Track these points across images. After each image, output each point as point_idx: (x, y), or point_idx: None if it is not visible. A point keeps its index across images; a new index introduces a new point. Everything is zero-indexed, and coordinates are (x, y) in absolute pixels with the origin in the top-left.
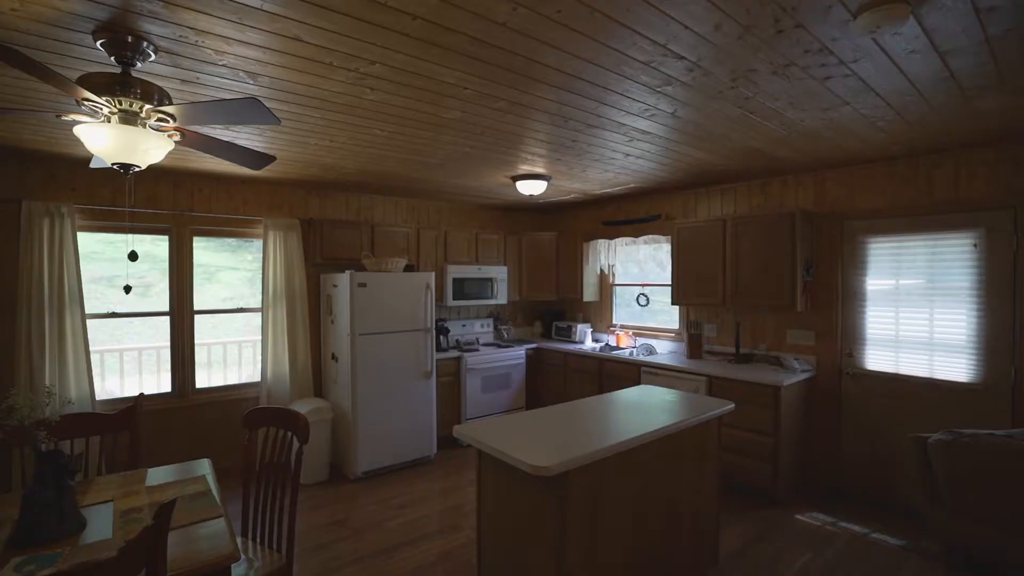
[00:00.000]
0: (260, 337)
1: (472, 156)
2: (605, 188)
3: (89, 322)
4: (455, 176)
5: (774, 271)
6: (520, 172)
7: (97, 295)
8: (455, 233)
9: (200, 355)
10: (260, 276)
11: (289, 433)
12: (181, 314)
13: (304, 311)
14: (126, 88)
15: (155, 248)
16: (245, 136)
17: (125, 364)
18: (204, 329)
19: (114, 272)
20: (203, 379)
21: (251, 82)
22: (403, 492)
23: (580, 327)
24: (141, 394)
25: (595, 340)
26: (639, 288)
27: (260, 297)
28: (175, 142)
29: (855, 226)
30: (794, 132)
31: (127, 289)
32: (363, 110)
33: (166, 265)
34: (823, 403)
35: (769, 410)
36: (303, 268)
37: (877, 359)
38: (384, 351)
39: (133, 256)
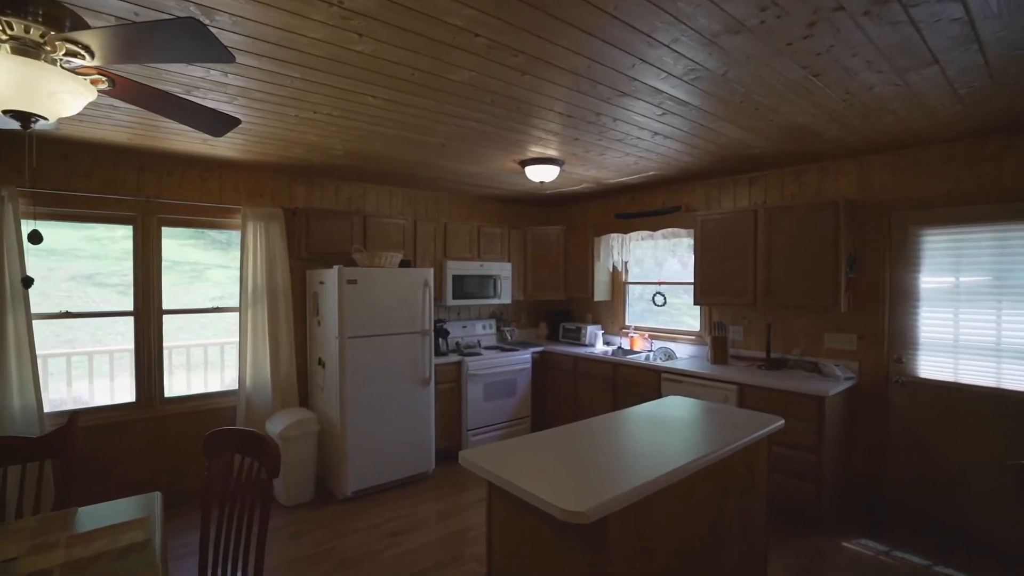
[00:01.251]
0: (238, 340)
1: (478, 134)
2: (621, 176)
3: (67, 323)
4: (457, 160)
5: (813, 267)
6: (530, 156)
7: (80, 295)
8: (455, 226)
9: (178, 358)
10: (238, 272)
11: (256, 463)
12: (147, 314)
13: (288, 311)
14: (20, 6)
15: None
16: (212, 103)
17: (96, 368)
18: (192, 329)
19: (97, 269)
20: (181, 385)
21: (207, 20)
22: (398, 515)
23: (590, 329)
24: (74, 413)
25: (607, 343)
26: (655, 286)
27: (243, 295)
28: (101, 91)
29: (906, 217)
30: (855, 104)
31: (26, 282)
32: (351, 67)
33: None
34: (867, 414)
35: (812, 423)
36: (287, 263)
37: (932, 366)
38: (377, 356)
39: (35, 237)
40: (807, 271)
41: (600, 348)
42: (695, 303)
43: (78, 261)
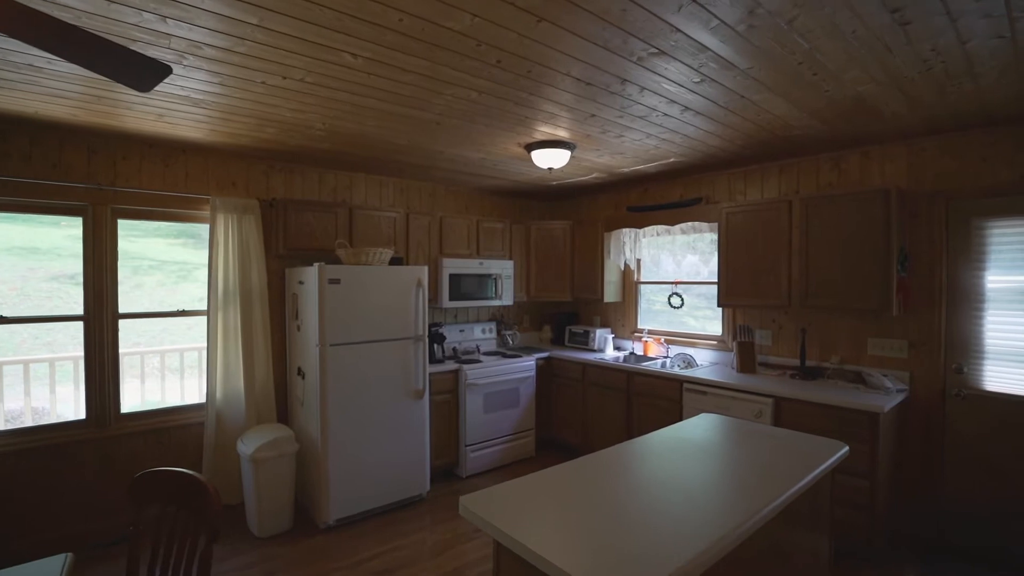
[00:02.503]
0: (206, 347)
1: (479, 109)
2: (637, 164)
3: (48, 327)
4: (455, 143)
5: (859, 265)
6: (537, 138)
7: (61, 295)
8: (452, 220)
9: (152, 363)
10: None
11: (192, 521)
12: (100, 319)
13: (264, 314)
14: None
15: (129, 244)
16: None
17: (36, 377)
18: (178, 331)
19: (79, 269)
20: (156, 396)
21: None
22: (386, 547)
23: (599, 333)
24: None
25: (617, 348)
26: (670, 286)
27: (212, 297)
28: None
29: (967, 207)
30: (935, 68)
31: None
32: (323, 9)
33: (139, 261)
34: (920, 432)
35: (864, 443)
36: (263, 260)
37: (1001, 377)
38: (363, 365)
39: None
40: (851, 269)
41: (611, 354)
42: (719, 305)
43: (60, 260)
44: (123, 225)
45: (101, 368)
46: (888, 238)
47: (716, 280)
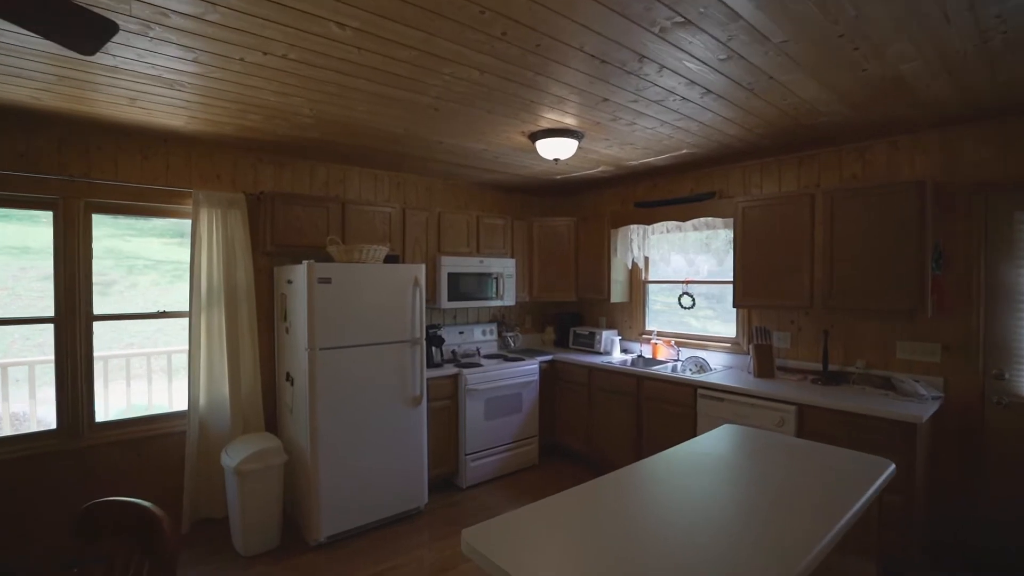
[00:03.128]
0: (188, 351)
1: (481, 92)
2: (647, 157)
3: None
4: (454, 132)
5: (890, 263)
6: (543, 126)
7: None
8: (451, 216)
9: (139, 366)
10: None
11: (145, 561)
12: (73, 321)
13: (251, 316)
14: None
15: (123, 243)
16: (136, 51)
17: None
18: (172, 332)
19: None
20: (141, 397)
21: None
22: (382, 567)
23: (605, 334)
24: None
25: (624, 351)
26: (680, 286)
27: (194, 297)
28: None
29: (1010, 200)
30: (993, 40)
31: None
32: None
33: (134, 260)
34: (956, 443)
35: (899, 455)
36: (250, 258)
37: None
38: (356, 370)
39: None
40: (881, 267)
41: (618, 357)
42: (734, 306)
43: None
44: (118, 224)
45: (73, 374)
46: (922, 234)
47: (730, 279)
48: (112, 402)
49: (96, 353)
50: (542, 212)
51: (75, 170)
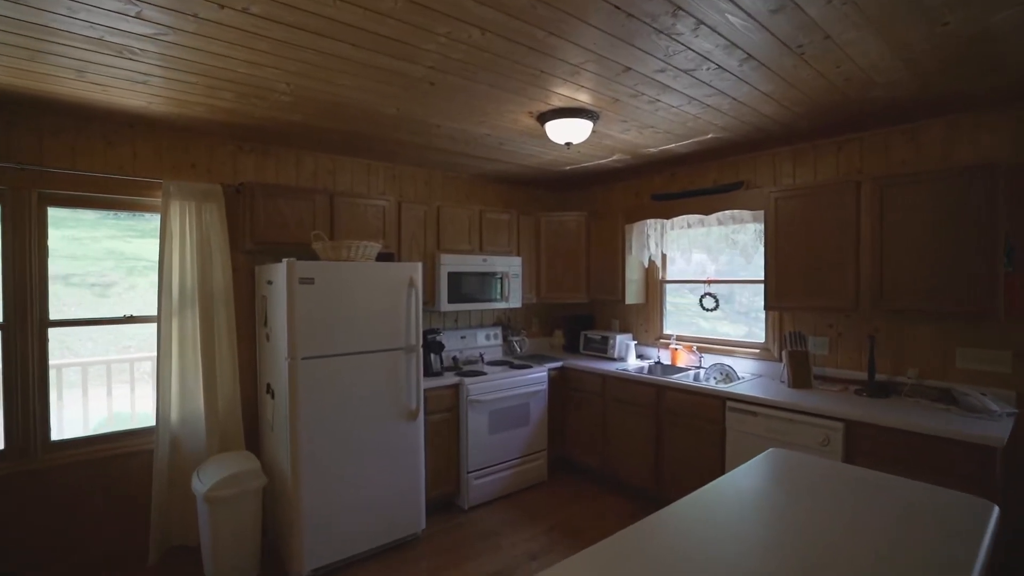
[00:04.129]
0: (156, 361)
1: (482, 61)
2: (668, 143)
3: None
4: (453, 113)
5: (953, 258)
6: (554, 104)
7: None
8: (451, 211)
9: (119, 375)
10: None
11: None
12: (23, 327)
13: (230, 321)
14: None
15: (125, 244)
16: (66, 4)
17: None
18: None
19: (74, 270)
20: (123, 404)
21: None
22: None
23: (619, 339)
24: None
25: (640, 356)
26: (702, 286)
27: (164, 300)
28: None
29: None
30: None
31: None
32: None
33: (135, 262)
34: None
35: (974, 484)
36: (228, 256)
37: None
38: (344, 381)
39: None
40: (942, 264)
41: (633, 363)
42: (767, 308)
43: (53, 261)
44: (118, 225)
45: (24, 388)
46: (994, 226)
47: (753, 278)
48: (90, 415)
49: (59, 361)
50: (550, 207)
51: (25, 157)
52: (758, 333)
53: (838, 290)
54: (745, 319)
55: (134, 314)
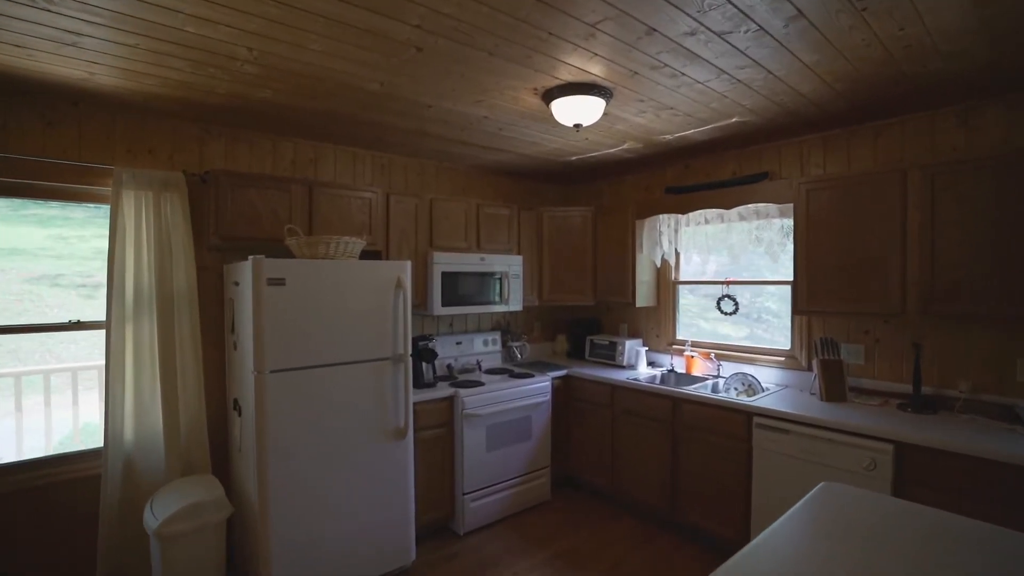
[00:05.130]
0: (104, 374)
1: (479, 15)
2: (687, 128)
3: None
4: (445, 89)
5: (1019, 255)
6: (562, 77)
7: (32, 298)
8: (446, 204)
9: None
10: (113, 268)
11: None
12: None
13: (194, 326)
14: None
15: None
16: None
17: None
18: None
19: (61, 270)
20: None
21: None
22: None
23: (628, 344)
24: None
25: (651, 363)
26: (719, 287)
27: (115, 303)
28: None
29: None
30: None
31: None
32: None
33: None
34: None
35: None
36: (191, 253)
37: None
38: (320, 397)
39: None
40: (1007, 262)
41: (644, 371)
42: (796, 312)
43: (37, 261)
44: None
45: None
46: None
47: (776, 279)
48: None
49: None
50: (553, 202)
51: None
52: (760, 335)
53: (880, 292)
54: (747, 320)
55: (82, 319)
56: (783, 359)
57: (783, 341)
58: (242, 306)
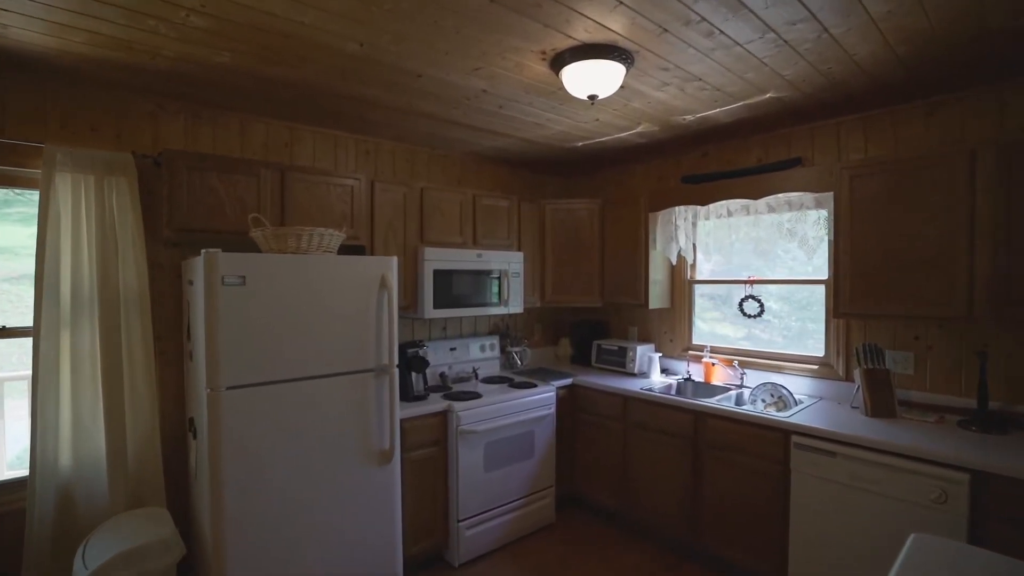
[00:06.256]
0: (30, 389)
1: None
2: (713, 106)
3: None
4: (437, 52)
5: None
6: (576, 38)
7: (11, 298)
8: (438, 194)
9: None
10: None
11: None
12: None
13: (147, 333)
14: None
15: None
16: None
17: None
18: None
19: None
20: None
21: None
22: None
23: (640, 350)
24: None
25: (665, 371)
26: (742, 287)
27: (47, 306)
28: None
29: None
30: None
31: None
32: None
33: None
34: None
35: None
36: (142, 247)
37: None
38: (289, 418)
39: None
40: None
41: (658, 380)
42: (838, 315)
43: (18, 260)
44: None
45: None
46: None
47: (834, 276)
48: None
49: None
50: (554, 195)
51: None
52: (759, 336)
53: (940, 292)
54: (744, 320)
55: (6, 325)
56: (816, 367)
57: (782, 342)
58: (196, 310)
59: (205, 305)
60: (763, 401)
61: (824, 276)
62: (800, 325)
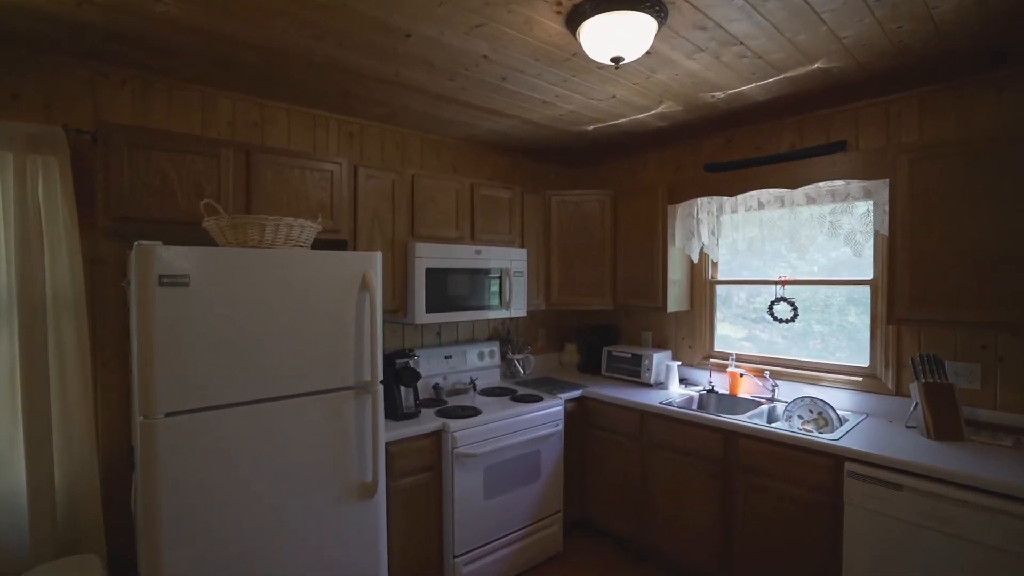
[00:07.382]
0: None
1: None
2: (747, 80)
3: None
4: (423, 5)
5: None
6: None
7: None
8: (431, 182)
9: None
10: None
11: None
12: None
13: (83, 342)
14: None
15: None
16: None
17: None
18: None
19: None
20: None
21: None
22: None
23: (656, 358)
24: None
25: (684, 381)
26: (772, 288)
27: None
28: None
29: None
30: None
31: None
32: None
33: None
34: None
35: None
36: (76, 240)
37: None
38: (248, 448)
39: None
40: None
41: (677, 391)
42: (894, 321)
43: None
44: None
45: None
46: None
47: (888, 277)
48: None
49: None
50: (560, 186)
51: None
52: (759, 336)
53: (1021, 294)
54: (744, 321)
55: None
56: (859, 379)
57: (783, 344)
58: (132, 316)
59: (138, 310)
60: (800, 418)
61: (869, 276)
62: (816, 328)
